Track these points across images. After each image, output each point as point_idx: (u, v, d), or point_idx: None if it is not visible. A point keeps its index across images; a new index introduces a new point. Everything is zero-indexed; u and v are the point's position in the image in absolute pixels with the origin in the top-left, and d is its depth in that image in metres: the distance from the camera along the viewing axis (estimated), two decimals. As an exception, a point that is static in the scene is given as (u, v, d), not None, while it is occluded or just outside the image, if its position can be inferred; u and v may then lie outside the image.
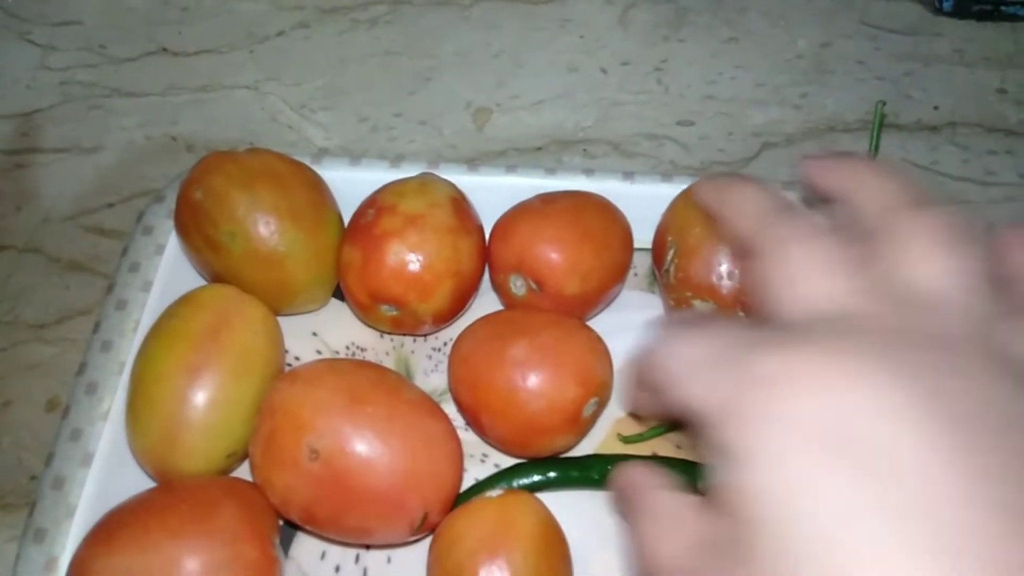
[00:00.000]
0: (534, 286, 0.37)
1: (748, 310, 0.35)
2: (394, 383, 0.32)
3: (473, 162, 0.46)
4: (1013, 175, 0.48)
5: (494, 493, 0.32)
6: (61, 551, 0.31)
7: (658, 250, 0.37)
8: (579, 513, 0.35)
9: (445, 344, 0.40)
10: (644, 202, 0.41)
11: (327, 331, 0.40)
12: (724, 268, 0.34)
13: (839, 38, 0.53)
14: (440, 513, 0.32)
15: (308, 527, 0.32)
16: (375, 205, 0.37)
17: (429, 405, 0.33)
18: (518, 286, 0.37)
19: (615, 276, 0.38)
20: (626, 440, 0.36)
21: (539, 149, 0.48)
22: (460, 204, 0.37)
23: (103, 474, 0.33)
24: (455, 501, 0.33)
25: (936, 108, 0.50)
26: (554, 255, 0.36)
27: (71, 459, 0.32)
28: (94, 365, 0.35)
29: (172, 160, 0.47)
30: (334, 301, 0.41)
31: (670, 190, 0.41)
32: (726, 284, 0.34)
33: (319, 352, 0.39)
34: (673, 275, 0.35)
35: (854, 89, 0.51)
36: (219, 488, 0.31)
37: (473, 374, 0.34)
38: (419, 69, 0.52)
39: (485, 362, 0.33)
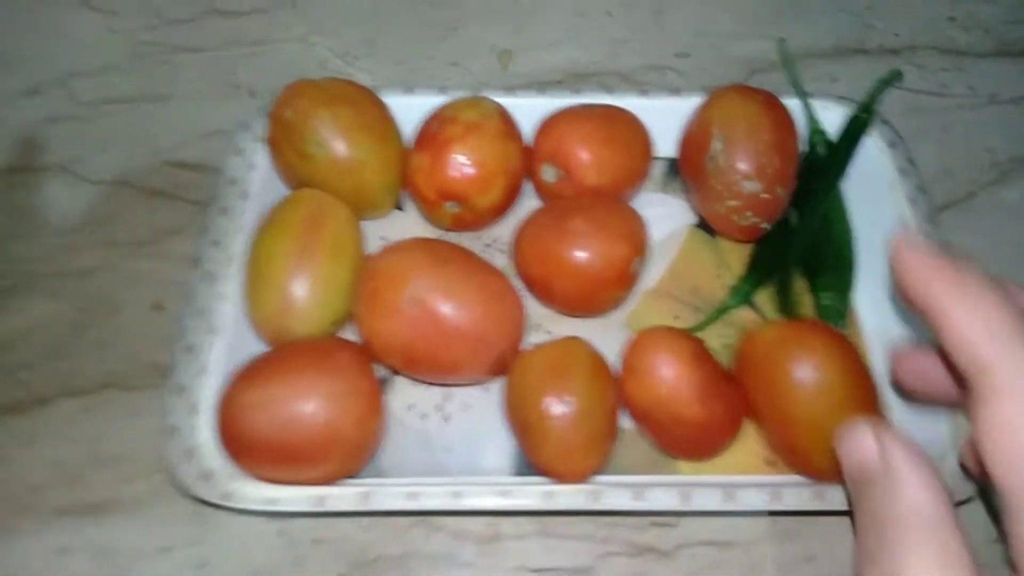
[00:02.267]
0: (562, 174, 0.44)
1: (784, 185, 0.43)
2: (466, 252, 0.39)
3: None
4: (963, 88, 0.56)
5: (551, 340, 0.39)
6: (200, 399, 0.37)
7: (698, 143, 0.44)
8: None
9: (494, 240, 0.47)
10: (658, 115, 0.48)
11: (393, 235, 0.47)
12: (767, 153, 0.42)
13: (811, -20, 0.61)
14: (512, 354, 0.39)
15: (405, 369, 0.38)
16: (439, 118, 0.44)
17: (496, 269, 0.40)
18: (549, 174, 0.44)
19: (632, 176, 0.45)
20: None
21: (559, 82, 0.55)
22: (505, 116, 0.44)
23: (227, 341, 0.39)
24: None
25: (896, 35, 0.58)
26: (581, 149, 0.43)
27: (198, 330, 0.39)
28: (207, 259, 0.41)
29: (238, 104, 0.53)
30: (397, 212, 0.47)
31: (682, 105, 0.48)
32: (770, 165, 0.42)
33: (387, 252, 0.46)
34: (722, 161, 0.43)
35: (824, 21, 0.59)
36: (332, 341, 0.38)
37: (541, 248, 0.41)
38: (445, 19, 0.59)
39: (550, 237, 0.40)
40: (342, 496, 0.35)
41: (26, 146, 0.51)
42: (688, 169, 0.46)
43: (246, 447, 0.35)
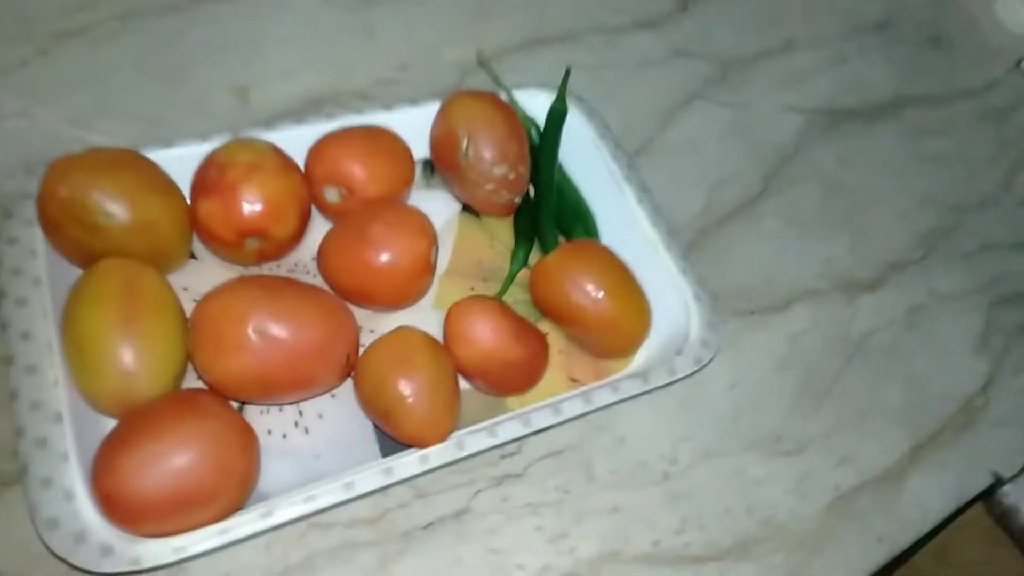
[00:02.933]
0: (344, 192, 0.50)
1: (524, 165, 0.53)
2: (287, 279, 0.44)
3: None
4: (621, 58, 0.71)
5: (385, 333, 0.45)
6: (72, 484, 0.37)
7: (447, 143, 0.52)
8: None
9: (296, 264, 0.51)
10: (404, 125, 0.55)
11: (195, 284, 0.49)
12: (506, 141, 0.52)
13: (486, -13, 0.72)
14: (355, 355, 0.44)
15: (262, 398, 0.42)
16: (215, 164, 0.46)
17: (318, 287, 0.44)
18: (332, 194, 0.50)
19: (403, 180, 0.52)
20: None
21: (301, 110, 0.60)
22: (279, 152, 0.49)
23: (76, 425, 0.39)
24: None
25: (564, 25, 0.72)
26: (357, 167, 0.49)
27: (43, 421, 0.38)
28: (23, 352, 0.40)
29: (-28, 193, 0.50)
30: (191, 261, 0.49)
31: (422, 112, 0.56)
32: (511, 151, 0.51)
33: (195, 301, 0.48)
34: (472, 155, 0.51)
35: (508, 20, 0.70)
36: (183, 391, 0.40)
37: (350, 259, 0.46)
38: (171, 68, 0.60)
39: (356, 247, 0.46)
40: (245, 521, 0.38)
41: None
42: (444, 166, 0.54)
43: (138, 511, 0.36)
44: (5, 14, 0.59)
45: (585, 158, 0.58)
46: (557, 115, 0.58)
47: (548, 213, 0.55)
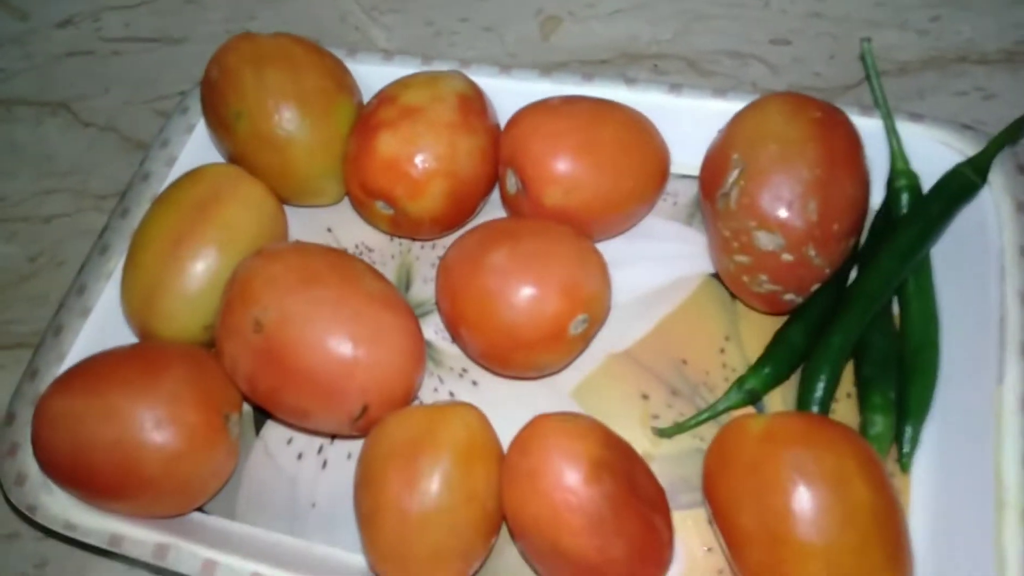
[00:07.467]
0: (520, 186, 0.34)
1: (821, 247, 0.30)
2: (356, 272, 0.31)
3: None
4: None
5: (440, 402, 0.30)
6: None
7: (715, 170, 0.32)
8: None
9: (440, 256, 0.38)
10: (692, 120, 0.36)
11: (340, 228, 0.39)
12: (802, 196, 0.29)
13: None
14: (384, 410, 0.30)
15: (253, 400, 0.31)
16: (381, 95, 0.35)
17: (390, 299, 0.31)
18: (511, 183, 0.35)
19: (620, 201, 0.34)
20: (662, 433, 0.32)
21: (604, 62, 0.44)
22: (468, 101, 0.35)
23: (96, 328, 0.34)
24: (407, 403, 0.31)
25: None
26: (545, 158, 0.33)
27: (72, 310, 0.35)
28: (111, 228, 0.37)
29: (242, 54, 0.48)
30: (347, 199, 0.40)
31: (725, 107, 0.36)
32: (801, 215, 0.29)
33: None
34: (735, 200, 0.30)
35: (1001, 14, 0.41)
36: (176, 352, 0.31)
37: (453, 282, 0.31)
38: (495, -26, 0.49)
39: (464, 270, 0.31)
40: (136, 541, 0.29)
41: (40, 79, 0.50)
42: (706, 198, 0.34)
43: (50, 463, 0.30)
44: None
45: (974, 278, 0.31)
46: (957, 186, 0.32)
47: (846, 336, 0.31)
